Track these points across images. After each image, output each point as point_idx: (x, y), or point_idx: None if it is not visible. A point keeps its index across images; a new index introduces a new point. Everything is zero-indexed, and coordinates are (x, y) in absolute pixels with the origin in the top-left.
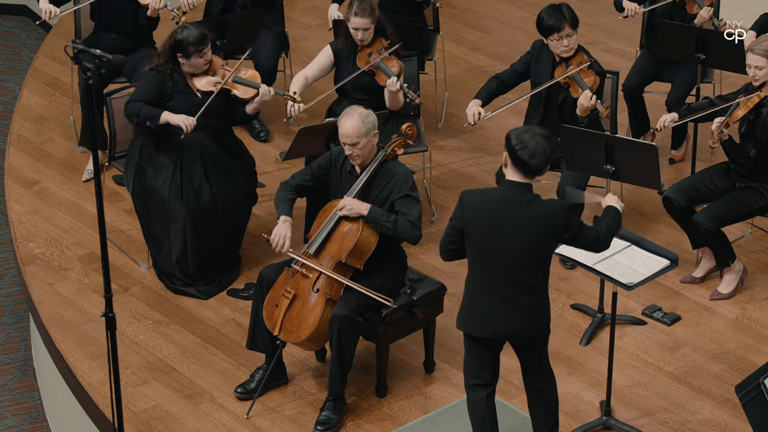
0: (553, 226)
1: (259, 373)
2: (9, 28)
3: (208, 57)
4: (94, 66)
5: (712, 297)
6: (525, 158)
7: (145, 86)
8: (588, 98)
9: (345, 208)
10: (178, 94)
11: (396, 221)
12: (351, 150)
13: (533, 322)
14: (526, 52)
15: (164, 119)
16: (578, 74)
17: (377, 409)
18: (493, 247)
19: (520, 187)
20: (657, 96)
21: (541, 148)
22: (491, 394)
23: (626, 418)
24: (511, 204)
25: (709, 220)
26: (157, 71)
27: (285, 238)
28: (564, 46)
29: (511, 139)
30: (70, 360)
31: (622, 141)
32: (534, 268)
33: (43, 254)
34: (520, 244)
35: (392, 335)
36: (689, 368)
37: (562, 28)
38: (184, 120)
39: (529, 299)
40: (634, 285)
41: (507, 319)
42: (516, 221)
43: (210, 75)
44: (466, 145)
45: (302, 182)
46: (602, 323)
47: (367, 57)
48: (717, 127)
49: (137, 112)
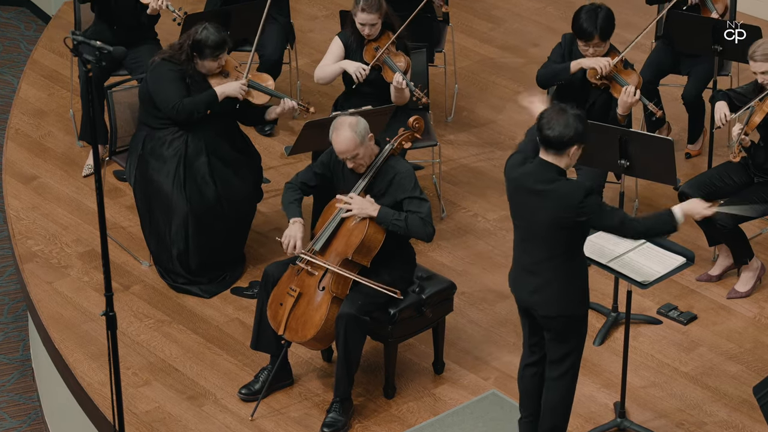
0: (567, 208)
1: (264, 374)
2: (7, 20)
3: (222, 62)
4: (95, 58)
5: (729, 295)
6: (543, 129)
7: (170, 83)
8: (630, 94)
9: (354, 207)
10: (195, 89)
11: (407, 219)
12: (353, 163)
13: (548, 302)
14: (558, 45)
15: (222, 94)
16: (617, 73)
17: (385, 410)
18: (519, 215)
19: (546, 165)
20: (673, 89)
21: (563, 121)
22: (527, 366)
23: (641, 420)
24: (535, 179)
25: (726, 216)
26: (169, 61)
27: (296, 239)
28: (590, 54)
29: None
30: (70, 360)
31: (636, 135)
32: (553, 247)
33: (42, 251)
34: (538, 221)
35: (400, 335)
36: (706, 369)
37: (591, 39)
38: (238, 89)
39: (545, 276)
40: (649, 283)
41: (525, 289)
42: (535, 198)
43: (223, 77)
44: (476, 139)
45: (306, 180)
46: (616, 322)
47: (373, 51)
48: (737, 139)
49: (194, 107)
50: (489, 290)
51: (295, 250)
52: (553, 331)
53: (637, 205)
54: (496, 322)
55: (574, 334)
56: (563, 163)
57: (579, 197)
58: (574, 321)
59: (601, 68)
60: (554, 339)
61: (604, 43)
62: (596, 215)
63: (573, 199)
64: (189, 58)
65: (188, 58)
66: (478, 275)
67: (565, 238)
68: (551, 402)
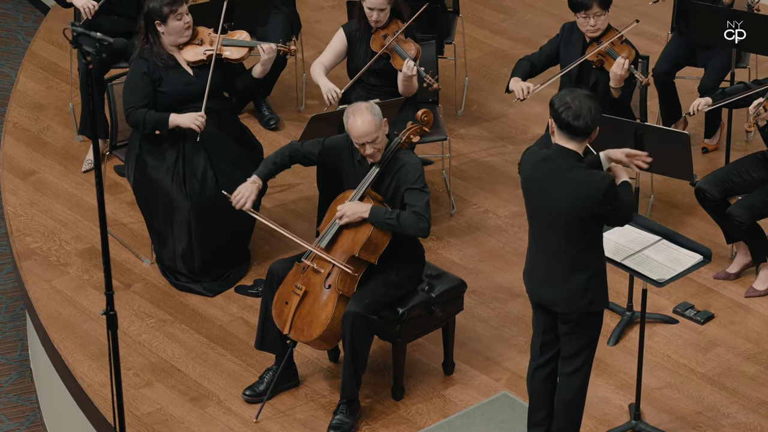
0: (589, 198)
1: (269, 375)
2: (4, 10)
3: (187, 20)
4: (95, 50)
5: (747, 294)
6: (569, 120)
7: (133, 85)
8: (621, 65)
9: (345, 215)
10: (168, 73)
11: (399, 216)
12: (371, 148)
13: (569, 297)
14: (555, 35)
15: (173, 123)
16: (611, 48)
17: (393, 412)
18: (535, 208)
19: (565, 152)
20: (689, 82)
21: (586, 107)
22: (537, 369)
23: (657, 422)
24: (553, 168)
25: (744, 212)
26: (141, 58)
27: (247, 199)
28: (590, 26)
29: (554, 103)
30: (69, 361)
31: (652, 129)
32: (572, 238)
33: (41, 249)
34: (556, 211)
35: (409, 334)
36: (723, 369)
37: (590, 7)
38: (193, 120)
39: (564, 270)
40: (664, 281)
41: (544, 285)
42: (553, 186)
43: (197, 44)
44: (487, 133)
45: (308, 154)
46: (631, 322)
47: (382, 39)
48: (754, 110)
49: (143, 121)
50: (500, 289)
51: (244, 207)
52: (571, 324)
53: (652, 201)
54: (507, 321)
55: (591, 329)
56: (582, 148)
57: (603, 189)
58: (594, 316)
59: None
60: (570, 333)
61: (605, 12)
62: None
63: (596, 189)
64: (153, 41)
65: (152, 41)
66: (489, 273)
67: (586, 229)
68: (565, 399)
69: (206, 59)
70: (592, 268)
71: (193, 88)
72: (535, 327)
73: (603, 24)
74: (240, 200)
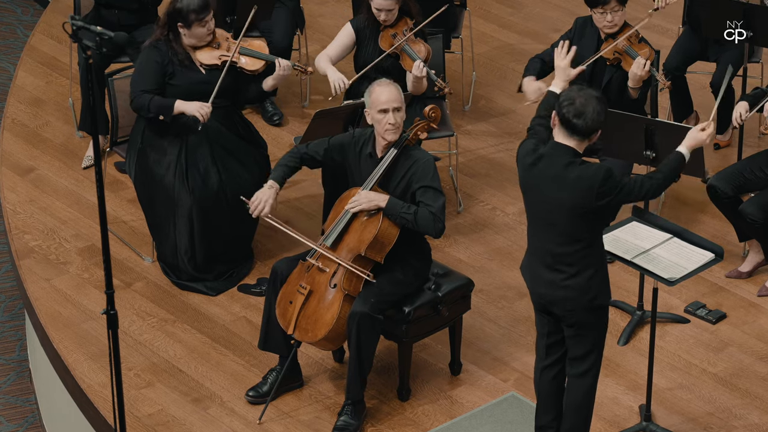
0: (586, 194)
1: (273, 375)
2: (3, 4)
3: (210, 27)
4: (95, 44)
5: (760, 293)
6: (570, 116)
7: (145, 70)
8: (641, 66)
9: (362, 201)
10: (181, 70)
11: (417, 213)
12: (395, 117)
13: (572, 296)
14: (567, 31)
15: (178, 109)
16: (629, 46)
17: (399, 413)
18: (534, 206)
19: (563, 148)
20: (701, 77)
21: (591, 108)
22: (544, 370)
23: (668, 423)
24: (551, 165)
25: (757, 210)
26: (155, 47)
27: (266, 203)
28: (608, 22)
29: (561, 96)
30: (69, 361)
31: (663, 125)
32: (573, 236)
33: (40, 247)
34: (555, 208)
35: (415, 334)
36: (736, 370)
37: (608, 2)
38: (198, 109)
39: (566, 269)
40: (676, 280)
41: (546, 285)
42: (551, 184)
43: (214, 47)
44: (495, 129)
45: (314, 154)
46: (642, 321)
47: (390, 38)
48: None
49: (147, 105)
50: (508, 287)
51: (261, 213)
52: (575, 326)
53: (663, 199)
54: (515, 320)
55: (597, 328)
56: (583, 147)
57: (598, 180)
58: (598, 313)
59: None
60: (576, 335)
61: (622, 8)
62: (617, 195)
63: (593, 182)
64: (172, 31)
65: (170, 31)
66: (496, 272)
67: (586, 226)
68: (575, 401)
69: (220, 64)
70: (593, 267)
71: (203, 87)
72: (539, 329)
73: (620, 20)
74: (258, 206)
